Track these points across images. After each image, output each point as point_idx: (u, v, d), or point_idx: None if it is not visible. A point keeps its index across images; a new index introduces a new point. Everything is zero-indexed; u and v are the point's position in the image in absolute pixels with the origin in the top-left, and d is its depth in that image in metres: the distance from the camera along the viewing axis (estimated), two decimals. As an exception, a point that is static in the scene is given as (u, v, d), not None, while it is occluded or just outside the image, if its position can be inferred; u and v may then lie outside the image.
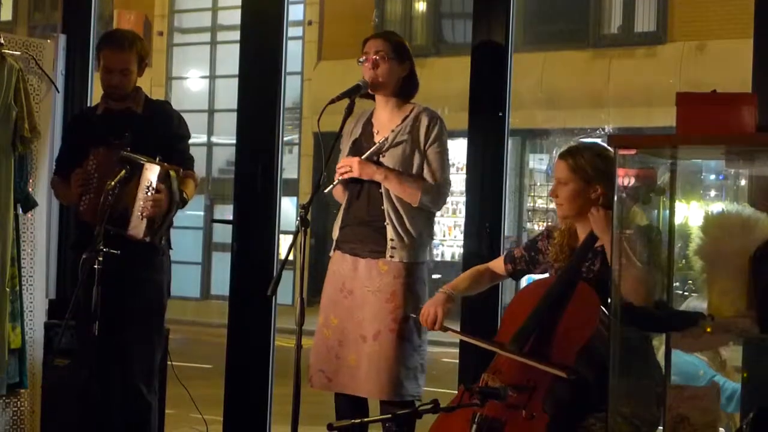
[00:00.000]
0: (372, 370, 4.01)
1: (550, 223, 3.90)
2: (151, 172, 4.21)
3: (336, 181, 4.15)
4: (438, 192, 4.10)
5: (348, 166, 4.11)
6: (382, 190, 4.09)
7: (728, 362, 4.45)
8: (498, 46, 4.49)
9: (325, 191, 4.15)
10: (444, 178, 4.12)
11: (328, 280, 4.20)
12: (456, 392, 3.52)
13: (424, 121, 4.11)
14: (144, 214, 4.22)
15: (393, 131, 4.14)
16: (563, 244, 3.72)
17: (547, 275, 3.77)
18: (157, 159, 4.24)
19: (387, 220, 4.07)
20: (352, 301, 4.11)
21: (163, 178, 4.23)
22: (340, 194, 4.22)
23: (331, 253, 4.22)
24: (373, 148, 4.12)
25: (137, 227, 4.24)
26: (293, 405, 3.70)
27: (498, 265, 3.92)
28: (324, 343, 4.14)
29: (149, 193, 4.20)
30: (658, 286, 3.48)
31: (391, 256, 4.05)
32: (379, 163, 4.11)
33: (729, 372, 4.44)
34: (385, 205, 4.08)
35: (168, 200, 4.26)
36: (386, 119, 4.19)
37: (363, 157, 4.11)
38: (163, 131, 4.43)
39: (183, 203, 4.36)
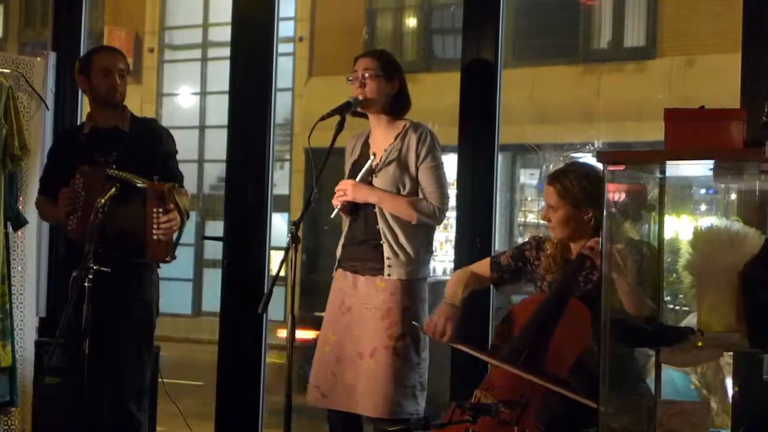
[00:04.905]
0: (368, 387, 4.00)
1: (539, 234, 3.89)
2: (154, 194, 4.17)
3: (336, 208, 4.13)
4: (435, 207, 4.08)
5: (342, 190, 4.11)
6: (376, 209, 4.09)
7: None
8: (487, 61, 4.50)
9: (332, 216, 4.14)
10: (440, 193, 4.09)
11: (330, 298, 4.21)
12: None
13: (413, 138, 4.10)
14: (161, 235, 4.20)
15: (385, 150, 4.14)
16: (556, 256, 3.72)
17: (531, 288, 3.77)
18: (156, 179, 4.21)
19: (383, 239, 4.06)
20: (350, 317, 4.10)
21: (167, 195, 4.21)
22: (347, 213, 4.20)
23: (334, 273, 4.22)
24: (365, 169, 4.12)
25: (156, 250, 4.23)
26: (284, 422, 3.69)
27: (483, 269, 3.90)
28: (322, 359, 4.14)
29: (160, 215, 4.18)
30: (648, 302, 3.48)
31: (389, 275, 4.04)
32: (374, 184, 4.11)
33: (713, 381, 4.34)
34: (380, 225, 4.07)
35: (179, 216, 4.24)
36: (380, 138, 4.19)
37: (357, 179, 4.11)
38: (151, 149, 4.41)
39: (187, 216, 4.33)
